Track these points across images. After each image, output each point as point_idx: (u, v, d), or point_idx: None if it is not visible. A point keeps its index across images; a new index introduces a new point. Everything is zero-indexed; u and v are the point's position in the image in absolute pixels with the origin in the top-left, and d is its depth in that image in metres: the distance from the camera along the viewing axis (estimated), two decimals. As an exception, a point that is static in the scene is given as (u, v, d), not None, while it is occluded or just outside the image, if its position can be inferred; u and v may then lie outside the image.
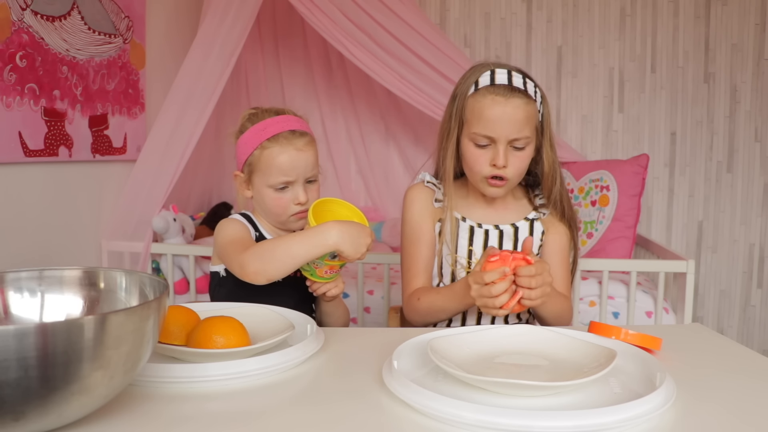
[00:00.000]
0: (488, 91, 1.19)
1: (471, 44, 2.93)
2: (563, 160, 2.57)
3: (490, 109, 1.17)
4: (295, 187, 1.20)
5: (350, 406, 0.73)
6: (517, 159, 1.20)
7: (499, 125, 1.17)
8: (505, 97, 1.17)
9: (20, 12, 1.73)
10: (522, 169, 1.23)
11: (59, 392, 0.59)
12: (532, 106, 1.20)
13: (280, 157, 1.18)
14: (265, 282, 1.07)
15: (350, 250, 1.06)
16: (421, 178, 1.35)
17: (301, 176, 1.20)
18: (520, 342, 0.89)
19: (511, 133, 1.17)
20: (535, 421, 0.64)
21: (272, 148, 1.18)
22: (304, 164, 1.20)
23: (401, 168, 3.05)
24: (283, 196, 1.20)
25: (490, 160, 1.19)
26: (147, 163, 2.21)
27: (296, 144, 1.19)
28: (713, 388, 0.79)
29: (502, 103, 1.17)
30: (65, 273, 0.82)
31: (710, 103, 2.81)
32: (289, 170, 1.18)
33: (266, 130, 1.19)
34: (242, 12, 2.26)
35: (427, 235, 1.31)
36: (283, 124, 1.21)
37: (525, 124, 1.18)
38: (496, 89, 1.18)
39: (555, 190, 1.28)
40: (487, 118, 1.18)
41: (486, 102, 1.18)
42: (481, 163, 1.21)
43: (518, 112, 1.17)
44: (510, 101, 1.17)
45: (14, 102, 1.73)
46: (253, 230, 1.24)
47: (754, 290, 2.85)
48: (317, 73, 3.03)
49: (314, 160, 1.22)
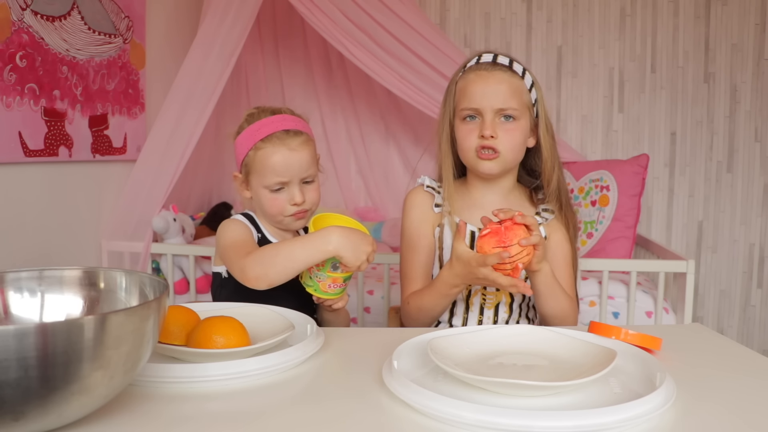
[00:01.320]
0: (473, 69, 1.26)
1: (471, 44, 2.93)
2: (564, 160, 2.55)
3: (474, 83, 1.23)
4: (291, 188, 1.19)
5: (350, 406, 0.73)
6: (507, 133, 1.21)
7: (484, 96, 1.21)
8: (488, 71, 1.23)
9: (20, 12, 1.73)
10: (514, 144, 1.23)
11: (59, 392, 0.58)
12: (518, 81, 1.23)
13: (272, 157, 1.17)
14: (267, 287, 1.07)
15: (350, 256, 1.05)
16: (420, 182, 1.35)
17: (296, 176, 1.19)
18: (520, 342, 0.89)
19: (495, 102, 1.20)
20: (535, 421, 0.64)
21: (265, 148, 1.17)
22: (298, 164, 1.18)
23: (401, 168, 3.05)
24: (278, 197, 1.19)
25: (479, 133, 1.21)
26: (147, 163, 2.21)
27: (289, 144, 1.18)
28: (713, 388, 0.79)
29: (485, 76, 1.22)
30: (65, 273, 0.82)
31: (710, 103, 2.81)
32: (282, 170, 1.17)
33: (260, 130, 1.18)
34: (242, 12, 2.26)
35: (425, 241, 1.31)
36: (277, 124, 1.19)
37: (510, 95, 1.21)
38: (480, 66, 1.25)
39: (554, 177, 1.27)
40: (471, 91, 1.23)
41: (470, 77, 1.24)
42: (470, 138, 1.23)
43: (502, 84, 1.21)
44: (493, 74, 1.22)
45: (14, 102, 1.73)
46: (255, 231, 1.24)
47: (754, 290, 2.85)
48: (317, 73, 3.03)
49: (309, 159, 1.20)
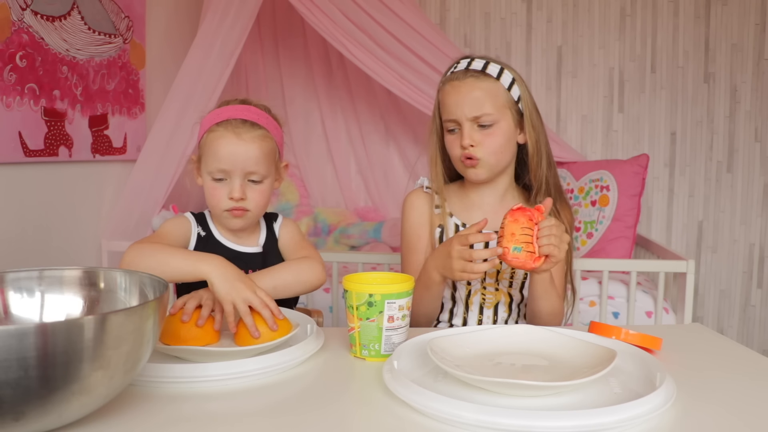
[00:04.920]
0: (448, 80, 1.26)
1: (471, 44, 2.93)
2: (564, 160, 2.57)
3: (449, 95, 1.25)
4: (233, 180, 1.11)
5: (350, 406, 0.73)
6: (487, 138, 1.22)
7: (458, 106, 1.23)
8: (459, 80, 1.24)
9: (20, 12, 1.73)
10: (495, 148, 1.23)
11: (59, 392, 0.58)
12: (491, 84, 1.23)
13: (218, 141, 1.11)
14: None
15: (221, 286, 0.94)
16: (420, 183, 1.35)
17: (239, 168, 1.11)
18: (520, 342, 0.89)
19: (469, 111, 1.21)
20: (535, 421, 0.64)
21: (216, 131, 1.13)
22: (243, 156, 1.10)
23: (401, 168, 3.04)
24: (218, 186, 1.13)
25: (460, 143, 1.23)
26: (147, 163, 2.21)
27: (240, 133, 1.11)
28: (713, 388, 0.79)
29: (457, 86, 1.24)
30: (65, 273, 0.82)
31: (710, 103, 2.81)
32: (224, 157, 1.11)
33: (220, 114, 1.14)
34: (242, 12, 2.26)
35: (424, 243, 1.32)
36: (236, 112, 1.14)
37: (483, 101, 1.22)
38: (454, 75, 1.25)
39: (541, 172, 1.27)
40: (447, 103, 1.25)
41: (446, 89, 1.26)
42: (454, 148, 1.25)
43: (474, 91, 1.22)
44: (464, 82, 1.23)
45: (14, 102, 1.72)
46: (199, 228, 1.20)
47: (754, 290, 2.85)
48: (317, 73, 3.03)
49: (259, 155, 1.12)
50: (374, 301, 0.90)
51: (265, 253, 1.22)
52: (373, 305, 0.90)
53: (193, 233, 1.20)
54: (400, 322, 0.92)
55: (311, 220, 2.85)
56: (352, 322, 0.93)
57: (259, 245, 1.22)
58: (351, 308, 0.92)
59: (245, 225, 1.18)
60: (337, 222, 2.86)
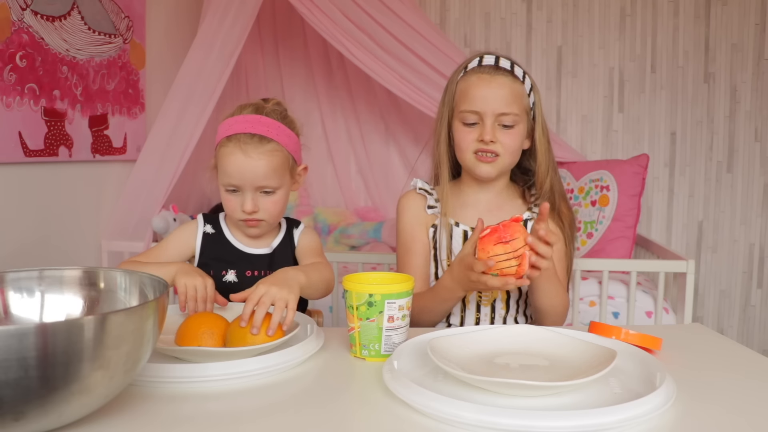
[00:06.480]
0: (475, 72, 1.25)
1: (471, 44, 2.93)
2: (563, 160, 2.57)
3: (476, 87, 1.23)
4: (244, 194, 1.14)
5: (350, 406, 0.73)
6: (506, 137, 1.22)
7: (486, 100, 1.22)
8: (490, 75, 1.23)
9: (20, 12, 1.73)
10: (512, 148, 1.24)
11: (59, 392, 0.58)
12: (519, 86, 1.24)
13: (227, 158, 1.12)
14: None
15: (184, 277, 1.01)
16: (413, 185, 1.36)
17: (249, 184, 1.12)
18: (520, 342, 0.89)
19: (497, 107, 1.21)
20: (535, 421, 0.64)
21: (226, 147, 1.13)
22: (252, 173, 1.11)
23: (401, 168, 3.04)
24: (232, 198, 1.15)
25: (478, 137, 1.22)
26: (147, 163, 2.21)
27: (247, 150, 1.11)
28: (713, 388, 0.79)
29: (487, 80, 1.23)
30: (65, 273, 0.82)
31: (710, 103, 2.81)
32: (234, 174, 1.12)
33: (231, 127, 1.14)
34: (242, 12, 2.26)
35: (419, 243, 1.32)
36: (247, 125, 1.13)
37: (512, 101, 1.22)
38: (483, 69, 1.25)
39: (548, 180, 1.28)
40: (473, 95, 1.23)
41: (472, 80, 1.24)
42: (469, 140, 1.24)
43: (504, 89, 1.22)
44: (495, 78, 1.23)
45: (14, 102, 1.72)
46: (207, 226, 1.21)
47: (754, 290, 2.85)
48: (317, 73, 3.03)
49: (268, 170, 1.12)
50: (374, 301, 0.90)
51: (273, 255, 1.22)
52: (373, 305, 0.90)
53: (198, 233, 1.21)
54: (400, 322, 0.92)
55: (311, 220, 2.86)
56: (352, 322, 0.93)
57: (270, 247, 1.23)
58: (351, 308, 0.92)
59: (261, 233, 1.21)
60: (337, 222, 2.86)
